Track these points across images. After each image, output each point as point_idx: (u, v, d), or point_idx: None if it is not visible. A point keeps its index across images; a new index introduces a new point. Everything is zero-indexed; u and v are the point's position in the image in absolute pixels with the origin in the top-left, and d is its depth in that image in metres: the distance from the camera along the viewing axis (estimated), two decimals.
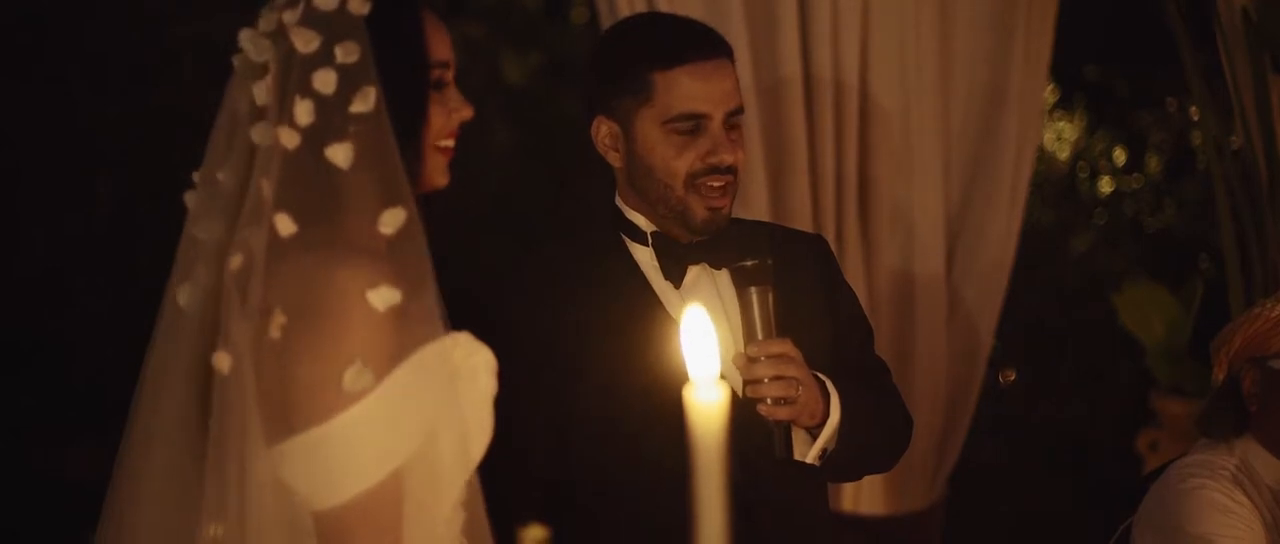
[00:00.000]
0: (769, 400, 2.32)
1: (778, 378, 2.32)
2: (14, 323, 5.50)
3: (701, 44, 2.43)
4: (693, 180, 2.41)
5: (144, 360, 1.81)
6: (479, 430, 1.78)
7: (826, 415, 2.39)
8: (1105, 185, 5.91)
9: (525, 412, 2.25)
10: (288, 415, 1.69)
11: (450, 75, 1.86)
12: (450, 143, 1.86)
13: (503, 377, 1.81)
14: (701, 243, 2.45)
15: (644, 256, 2.47)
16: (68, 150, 5.70)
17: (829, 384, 2.40)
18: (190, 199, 1.81)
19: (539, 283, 2.47)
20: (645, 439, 2.35)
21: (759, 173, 3.51)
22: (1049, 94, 5.61)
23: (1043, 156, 5.62)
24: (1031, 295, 5.11)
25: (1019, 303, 4.10)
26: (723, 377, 2.37)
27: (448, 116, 1.85)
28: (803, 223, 3.45)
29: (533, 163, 6.14)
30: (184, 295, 1.78)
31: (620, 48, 2.49)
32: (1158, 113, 5.81)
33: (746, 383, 2.33)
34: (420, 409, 1.72)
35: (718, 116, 2.41)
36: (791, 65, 3.49)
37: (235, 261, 1.71)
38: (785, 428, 2.37)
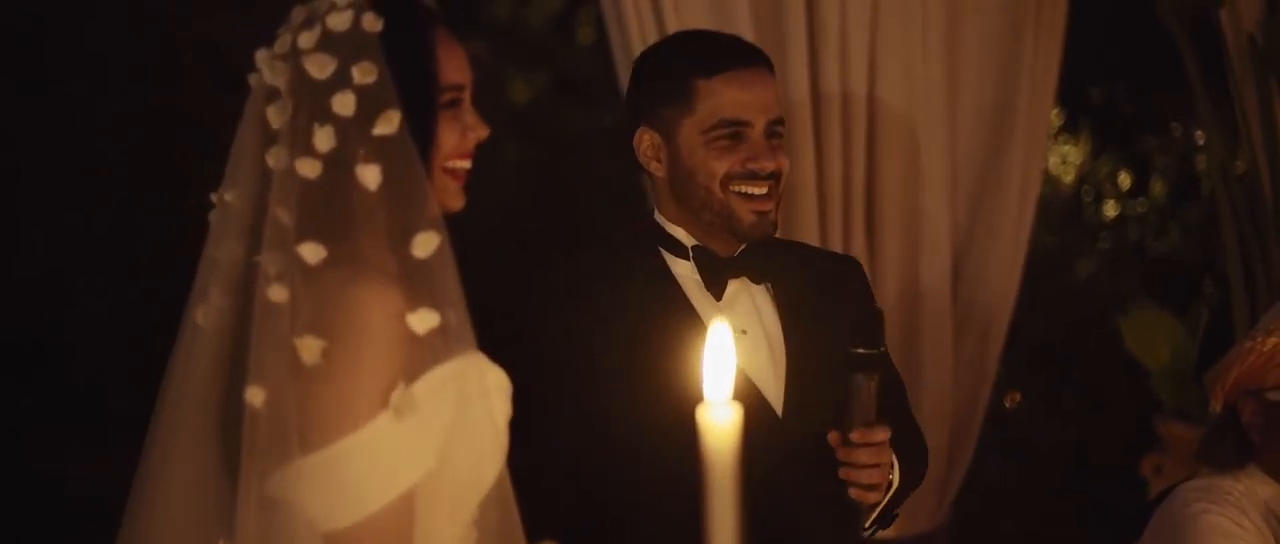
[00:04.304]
0: (864, 484, 2.37)
1: (874, 466, 2.36)
2: (14, 324, 5.49)
3: (742, 53, 2.48)
4: (730, 183, 2.42)
5: (163, 380, 1.80)
6: (493, 452, 1.76)
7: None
8: (1110, 209, 5.90)
9: (555, 424, 2.26)
10: (306, 434, 1.68)
11: (466, 96, 1.84)
12: (465, 164, 1.84)
13: (534, 387, 1.80)
14: (741, 257, 2.46)
15: (683, 270, 2.47)
16: (68, 151, 5.70)
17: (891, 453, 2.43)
18: (214, 218, 1.80)
19: (572, 291, 2.47)
20: (680, 453, 2.34)
21: None
22: (1054, 117, 5.61)
23: (1047, 180, 5.62)
24: (1036, 319, 5.10)
25: (1024, 326, 4.10)
26: (754, 382, 2.41)
27: (462, 136, 1.83)
28: (809, 241, 3.45)
29: (540, 180, 6.14)
30: (201, 315, 1.77)
31: (663, 59, 2.53)
32: (1162, 137, 5.81)
33: (842, 464, 2.36)
34: (433, 429, 1.71)
35: (759, 124, 2.43)
36: (799, 84, 3.49)
37: (267, 291, 1.70)
38: (868, 507, 2.42)
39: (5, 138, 5.58)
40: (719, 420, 1.32)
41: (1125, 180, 5.90)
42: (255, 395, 1.68)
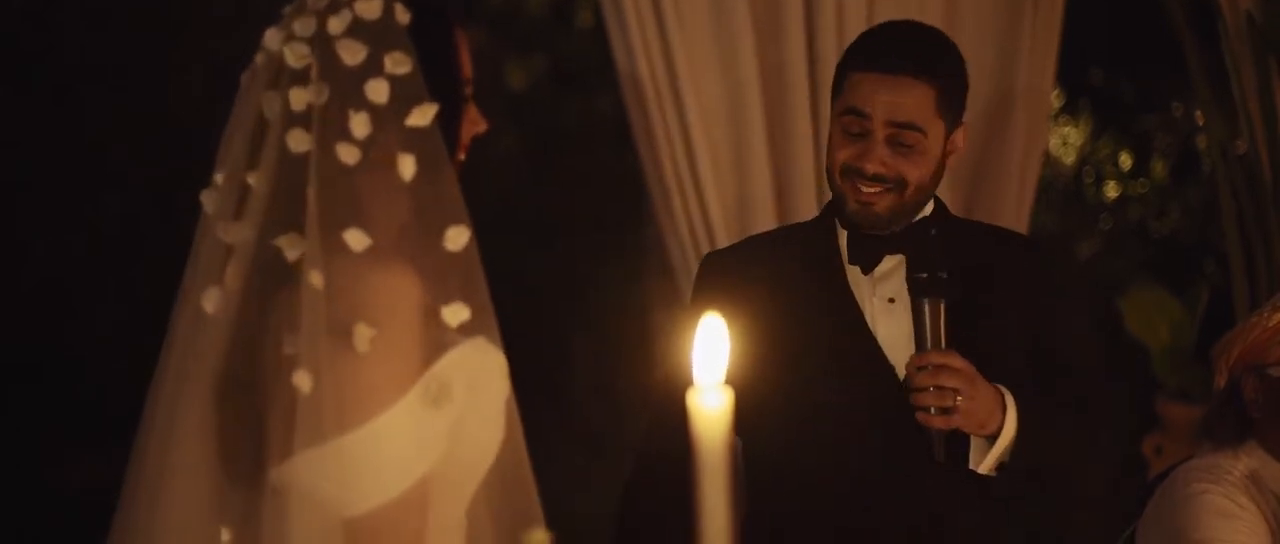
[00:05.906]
0: (933, 409, 2.42)
1: (938, 388, 2.41)
2: (20, 335, 5.49)
3: (887, 55, 2.57)
4: (845, 175, 2.55)
5: (158, 364, 1.78)
6: (494, 435, 1.77)
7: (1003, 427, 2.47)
8: (1111, 190, 5.89)
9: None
10: (341, 419, 1.68)
11: (471, 90, 1.86)
12: (462, 157, 1.86)
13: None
14: (897, 235, 2.57)
15: (844, 240, 2.61)
16: (74, 161, 5.69)
17: (1008, 397, 2.46)
18: (208, 200, 1.78)
19: (763, 264, 2.64)
20: (813, 411, 2.52)
21: (764, 170, 3.51)
22: (1054, 98, 5.60)
23: (1048, 161, 5.60)
24: None
25: None
26: (882, 348, 2.54)
27: (467, 131, 1.85)
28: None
29: (537, 167, 6.12)
30: (210, 301, 1.75)
31: (844, 53, 2.68)
32: (1163, 116, 5.79)
33: (911, 390, 2.44)
34: (449, 412, 1.71)
35: (878, 120, 2.52)
36: (797, 65, 3.50)
37: (309, 276, 1.70)
38: (944, 436, 2.45)
39: (11, 148, 5.59)
40: (709, 406, 1.32)
41: (1126, 161, 5.88)
42: (303, 380, 1.68)
